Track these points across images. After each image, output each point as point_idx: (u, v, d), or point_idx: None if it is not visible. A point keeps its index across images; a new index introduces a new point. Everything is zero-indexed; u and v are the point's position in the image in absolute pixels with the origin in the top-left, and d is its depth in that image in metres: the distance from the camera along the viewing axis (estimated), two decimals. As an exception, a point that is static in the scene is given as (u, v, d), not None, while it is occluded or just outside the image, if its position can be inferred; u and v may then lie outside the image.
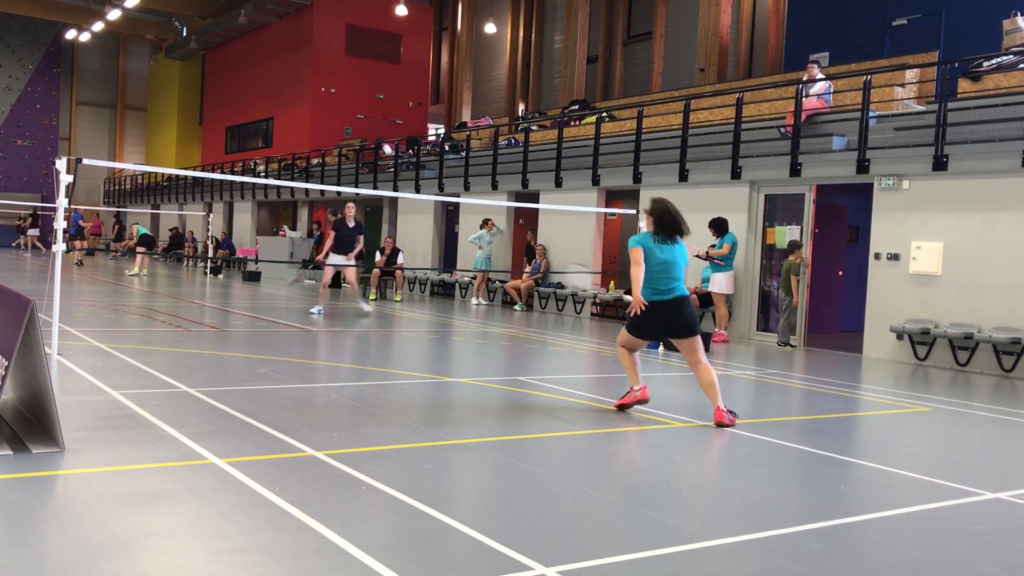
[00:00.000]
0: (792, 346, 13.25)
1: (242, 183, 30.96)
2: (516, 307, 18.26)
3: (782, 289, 13.26)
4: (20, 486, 4.26)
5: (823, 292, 14.82)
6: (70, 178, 8.09)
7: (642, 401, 7.16)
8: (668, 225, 6.95)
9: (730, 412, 6.75)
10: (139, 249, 23.45)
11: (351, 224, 14.58)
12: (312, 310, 14.33)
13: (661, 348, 11.87)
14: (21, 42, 43.23)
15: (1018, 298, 10.89)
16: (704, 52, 22.76)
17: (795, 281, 13.06)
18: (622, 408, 7.15)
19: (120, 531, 3.71)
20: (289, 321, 13.48)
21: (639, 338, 7.17)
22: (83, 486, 4.34)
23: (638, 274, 6.75)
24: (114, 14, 36.33)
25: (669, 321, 6.94)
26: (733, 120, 14.45)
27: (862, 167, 12.47)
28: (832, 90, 14.01)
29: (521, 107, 30.57)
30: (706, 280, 14.07)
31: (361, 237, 14.84)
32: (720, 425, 6.64)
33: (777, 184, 13.95)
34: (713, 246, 13.80)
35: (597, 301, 17.42)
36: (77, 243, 28.47)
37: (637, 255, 6.80)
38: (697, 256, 13.93)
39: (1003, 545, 4.22)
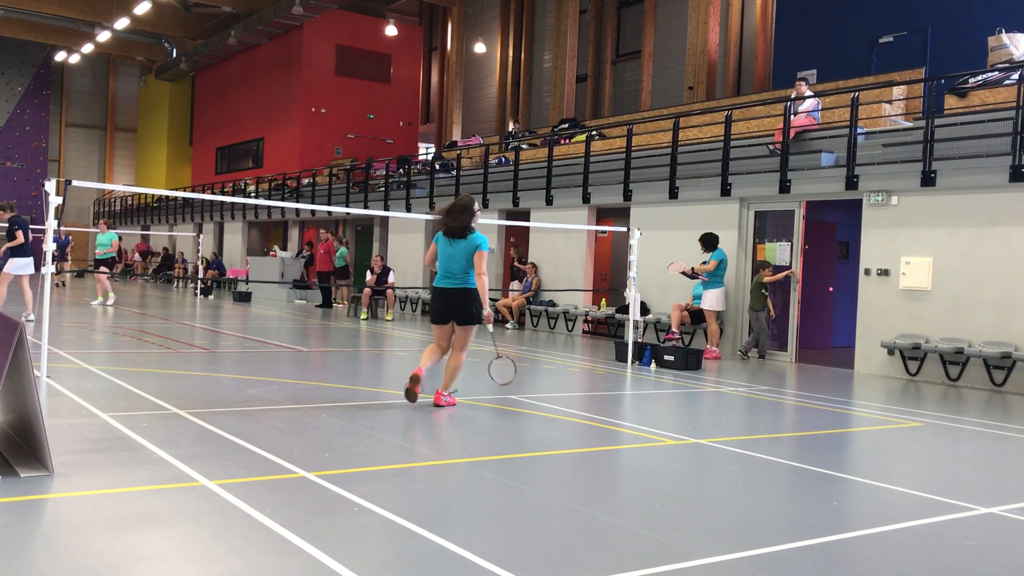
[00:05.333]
0: (749, 358, 13.56)
1: (232, 203, 30.94)
2: (508, 325, 18.25)
3: (751, 305, 13.42)
4: (8, 510, 4.22)
5: (814, 308, 14.85)
6: (59, 200, 8.07)
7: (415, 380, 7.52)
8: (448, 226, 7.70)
9: (448, 395, 7.62)
10: (99, 273, 19.33)
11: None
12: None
13: (653, 365, 11.88)
14: (10, 64, 43.23)
15: (1008, 312, 10.93)
16: (693, 70, 22.90)
17: (768, 297, 13.47)
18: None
19: (110, 555, 3.68)
20: (280, 341, 13.44)
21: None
22: (72, 509, 4.30)
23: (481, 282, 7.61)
24: (104, 36, 36.39)
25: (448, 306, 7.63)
26: (722, 137, 14.52)
27: (851, 183, 12.54)
28: (820, 107, 14.10)
29: (511, 125, 30.69)
30: (697, 297, 14.10)
31: (17, 231, 13.37)
32: (436, 405, 7.50)
33: (767, 201, 14.01)
34: (704, 262, 13.84)
35: (589, 319, 17.43)
36: (64, 264, 28.39)
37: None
38: (683, 273, 13.98)
39: (996, 560, 4.22)
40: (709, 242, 13.75)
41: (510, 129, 26.34)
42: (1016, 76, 11.80)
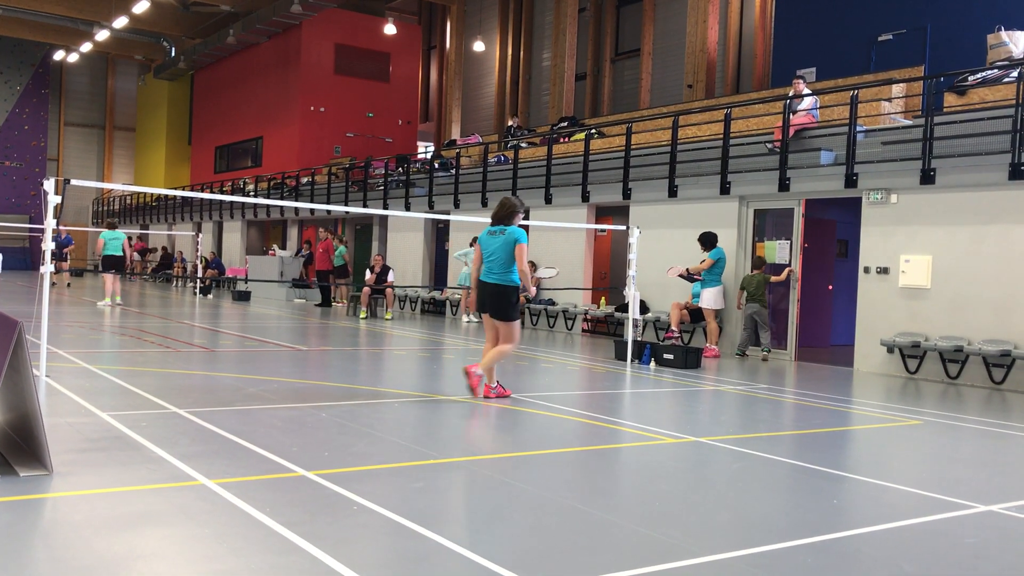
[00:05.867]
0: (759, 355, 13.59)
1: (231, 203, 30.92)
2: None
3: (758, 302, 13.37)
4: (7, 510, 4.21)
5: (813, 306, 14.85)
6: (58, 199, 8.07)
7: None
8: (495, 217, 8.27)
9: (487, 385, 8.17)
10: (106, 274, 18.85)
11: None
12: None
13: (652, 363, 11.88)
14: (9, 63, 43.20)
15: (1007, 310, 10.93)
16: (692, 68, 22.88)
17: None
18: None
19: (109, 554, 3.67)
20: (279, 340, 13.44)
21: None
22: (71, 509, 4.30)
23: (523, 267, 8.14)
24: (103, 35, 36.36)
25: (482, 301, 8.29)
26: (721, 136, 14.51)
27: (850, 181, 12.54)
28: (819, 105, 14.09)
29: (510, 121, 30.69)
30: (696, 295, 14.09)
31: None
32: (467, 372, 8.21)
33: (766, 199, 14.01)
34: (702, 261, 13.83)
35: (588, 317, 17.42)
36: (64, 264, 28.32)
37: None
38: (680, 276, 13.96)
39: (996, 558, 4.22)
40: (708, 241, 13.74)
41: (509, 123, 26.33)
42: (1015, 74, 11.80)
